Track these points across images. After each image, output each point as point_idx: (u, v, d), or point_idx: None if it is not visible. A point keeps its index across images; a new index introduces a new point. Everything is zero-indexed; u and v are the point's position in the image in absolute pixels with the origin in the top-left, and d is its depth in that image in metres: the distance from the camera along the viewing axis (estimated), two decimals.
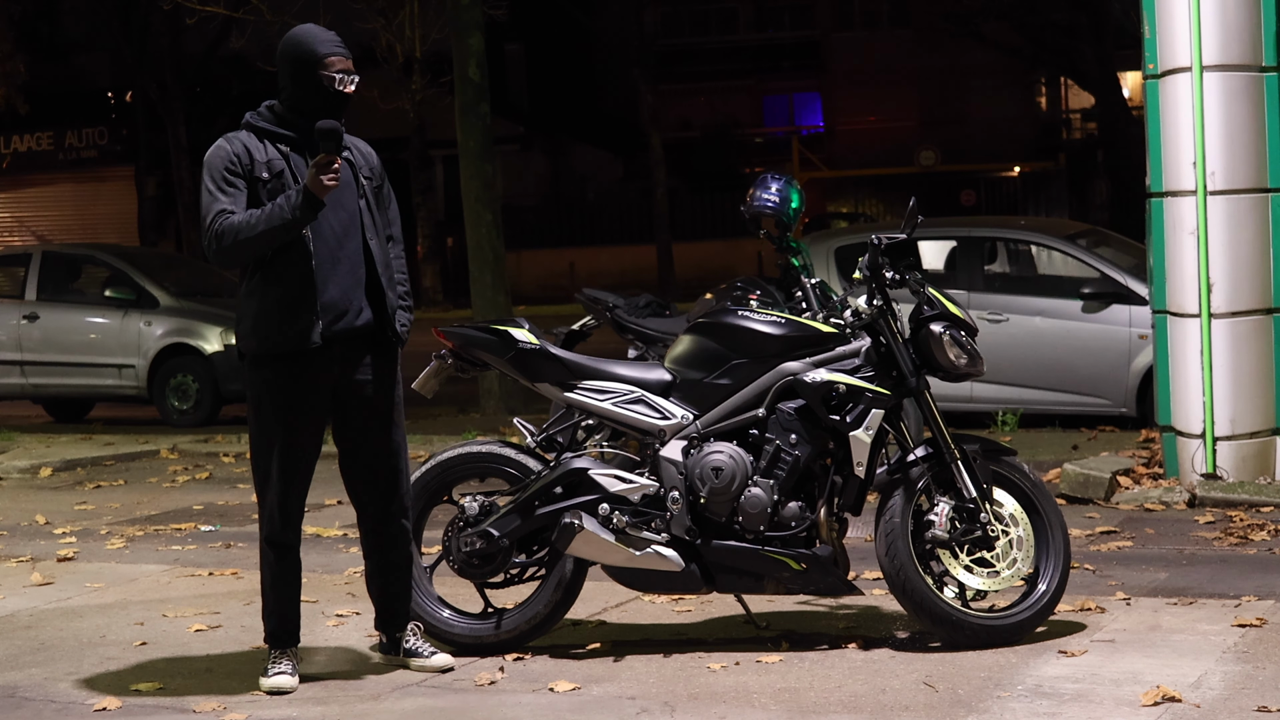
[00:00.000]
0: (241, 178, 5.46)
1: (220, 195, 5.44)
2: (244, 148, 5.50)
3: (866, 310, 5.92)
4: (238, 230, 5.38)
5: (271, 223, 5.36)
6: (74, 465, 12.12)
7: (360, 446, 5.63)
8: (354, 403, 5.58)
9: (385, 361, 5.62)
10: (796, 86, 48.22)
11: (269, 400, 5.50)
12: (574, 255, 37.14)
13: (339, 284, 5.48)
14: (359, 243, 5.53)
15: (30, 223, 38.83)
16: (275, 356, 5.47)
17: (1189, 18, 8.66)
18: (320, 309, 5.44)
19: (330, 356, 5.50)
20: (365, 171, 5.61)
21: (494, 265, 14.46)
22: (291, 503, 5.57)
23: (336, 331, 5.48)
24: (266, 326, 5.47)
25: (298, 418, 5.51)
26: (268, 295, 5.46)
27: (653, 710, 5.15)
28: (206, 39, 31.06)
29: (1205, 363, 8.74)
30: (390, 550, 5.71)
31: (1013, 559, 5.82)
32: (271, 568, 5.62)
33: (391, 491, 5.67)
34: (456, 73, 14.51)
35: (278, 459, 5.52)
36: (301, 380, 5.49)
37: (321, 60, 5.49)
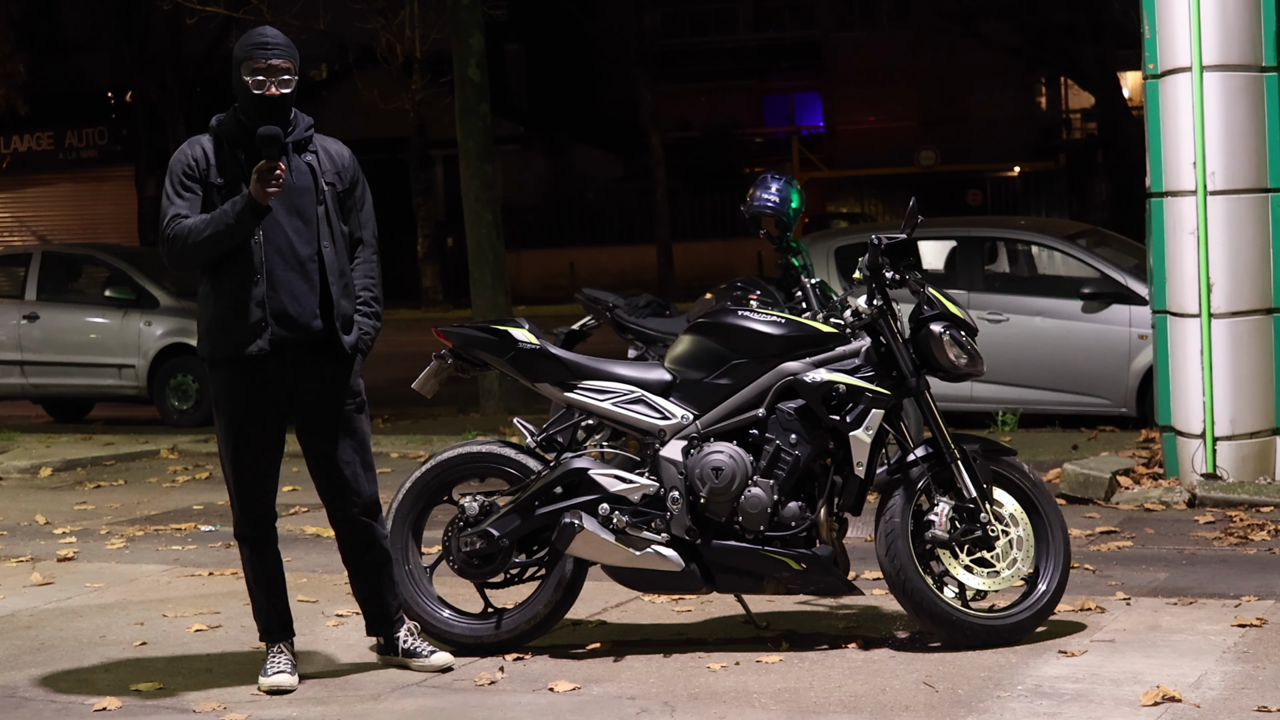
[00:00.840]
0: (197, 182, 5.45)
1: (176, 199, 5.44)
2: (202, 152, 5.48)
3: (866, 310, 5.92)
4: (187, 235, 5.38)
5: (216, 228, 5.35)
6: (74, 465, 12.12)
7: (316, 452, 5.63)
8: (307, 409, 5.57)
9: (338, 368, 5.56)
10: (796, 86, 48.22)
11: (223, 402, 5.56)
12: (574, 255, 37.15)
13: (290, 290, 5.44)
14: (314, 249, 5.48)
15: (30, 223, 38.85)
16: (227, 360, 5.49)
17: (1189, 18, 8.66)
18: (270, 315, 5.42)
19: (281, 362, 5.48)
20: (329, 176, 5.55)
21: (494, 265, 14.46)
22: (251, 499, 5.60)
23: (285, 338, 5.45)
24: (217, 330, 5.48)
25: (248, 420, 5.53)
26: (219, 300, 5.47)
27: (653, 710, 5.16)
28: (206, 39, 31.08)
29: (1205, 363, 8.74)
30: (364, 553, 5.71)
31: (1013, 559, 5.82)
32: (247, 563, 5.69)
33: (351, 494, 5.63)
34: (456, 73, 14.51)
35: (233, 458, 5.58)
36: (251, 384, 5.49)
37: (240, 64, 5.45)
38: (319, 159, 5.55)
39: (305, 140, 5.54)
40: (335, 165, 5.58)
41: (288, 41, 5.49)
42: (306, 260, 5.47)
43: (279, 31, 5.53)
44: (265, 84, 5.40)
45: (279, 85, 5.41)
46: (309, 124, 5.57)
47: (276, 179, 5.27)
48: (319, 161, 5.54)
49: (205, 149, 5.49)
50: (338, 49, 34.31)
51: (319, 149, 5.57)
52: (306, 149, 5.53)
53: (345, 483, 5.62)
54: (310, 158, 5.53)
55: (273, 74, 5.40)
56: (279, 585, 5.69)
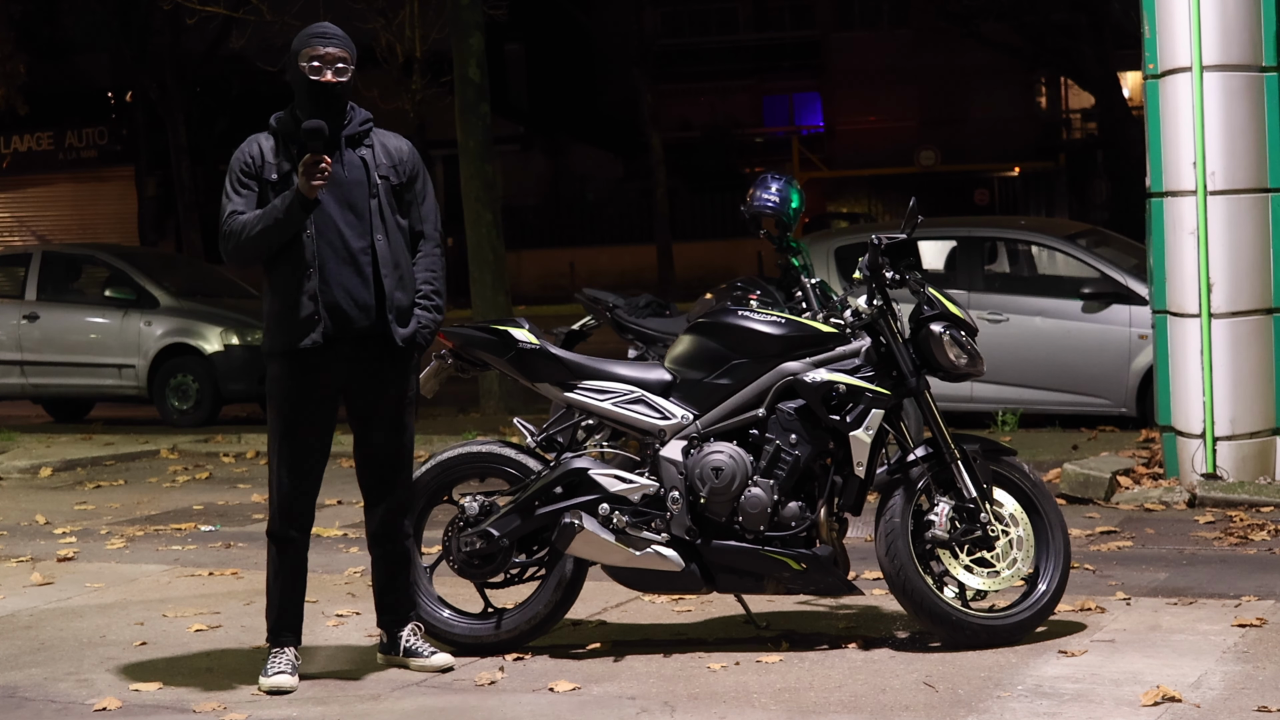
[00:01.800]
0: (254, 179, 5.53)
1: (234, 196, 5.54)
2: (259, 150, 5.56)
3: (866, 310, 5.92)
4: (240, 231, 5.48)
5: (266, 222, 5.44)
6: (74, 465, 12.12)
7: (365, 443, 5.68)
8: (360, 401, 5.62)
9: (392, 363, 5.62)
10: (796, 86, 48.20)
11: (277, 396, 5.58)
12: (574, 255, 37.15)
13: (343, 284, 5.50)
14: (368, 242, 5.54)
15: (30, 223, 38.83)
16: (283, 354, 5.53)
17: (1189, 18, 8.67)
18: (323, 309, 5.47)
19: (335, 355, 5.52)
20: (384, 170, 5.60)
21: (494, 265, 14.46)
22: (294, 498, 5.60)
23: (340, 332, 5.50)
24: (274, 325, 5.55)
25: (300, 415, 5.55)
26: (275, 294, 5.54)
27: (653, 710, 5.16)
28: (206, 39, 31.05)
29: (1205, 363, 8.74)
30: (389, 545, 5.75)
31: (1013, 559, 5.82)
32: (273, 562, 5.67)
33: (390, 488, 5.70)
34: (456, 73, 14.51)
35: (282, 454, 5.58)
36: (305, 378, 5.53)
37: (297, 53, 5.54)
38: (374, 153, 5.61)
39: (361, 134, 5.61)
40: (392, 159, 5.63)
41: (346, 35, 5.60)
42: (359, 253, 5.52)
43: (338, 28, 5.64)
44: (321, 70, 5.48)
45: (335, 73, 5.50)
46: (366, 118, 5.64)
47: (322, 172, 5.34)
48: (374, 156, 5.60)
49: (262, 146, 5.56)
50: None
51: (375, 143, 5.63)
52: (362, 143, 5.60)
53: (387, 476, 5.68)
54: (365, 152, 5.59)
55: (329, 61, 5.49)
56: (296, 591, 5.68)
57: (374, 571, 5.82)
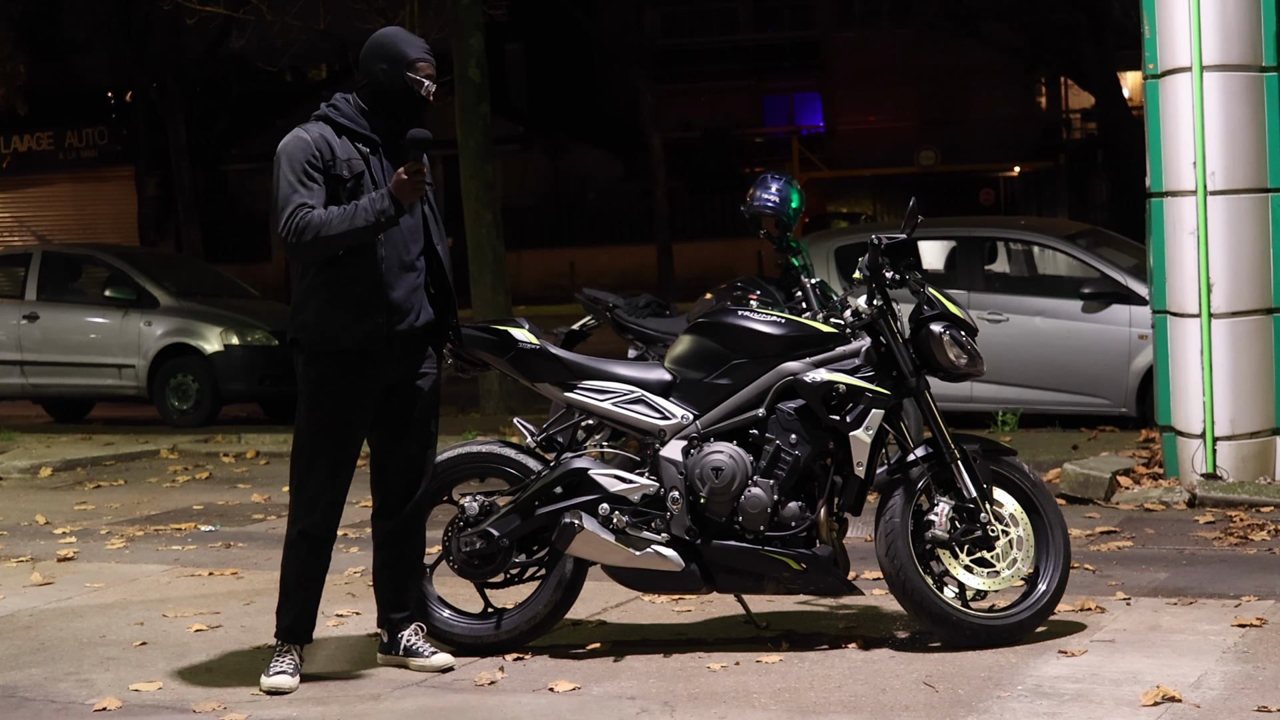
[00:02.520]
0: (321, 172, 5.47)
1: (300, 188, 5.43)
2: (325, 142, 5.50)
3: (866, 310, 5.92)
4: (318, 227, 5.39)
5: (355, 224, 5.39)
6: (74, 465, 12.12)
7: (402, 439, 5.67)
8: (404, 398, 5.63)
9: (430, 364, 5.70)
10: (796, 86, 48.22)
11: (327, 394, 5.54)
12: (574, 255, 37.15)
13: (405, 286, 5.55)
14: (424, 245, 5.61)
15: (30, 223, 38.83)
16: (338, 352, 5.51)
17: (1189, 18, 8.67)
18: (387, 309, 5.50)
19: (391, 354, 5.55)
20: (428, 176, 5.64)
21: (494, 265, 14.46)
22: (335, 496, 5.60)
23: (399, 331, 5.54)
24: (333, 323, 5.49)
25: (352, 412, 5.56)
26: (337, 292, 5.49)
27: (653, 710, 5.16)
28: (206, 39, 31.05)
29: (1205, 363, 8.74)
30: (407, 539, 5.74)
31: (1013, 559, 5.82)
32: (302, 561, 5.62)
33: (418, 480, 5.72)
34: (456, 73, 14.51)
35: (327, 452, 5.55)
36: (361, 376, 5.53)
37: (412, 64, 5.54)
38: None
39: None
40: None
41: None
42: (416, 257, 5.59)
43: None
44: (426, 84, 5.54)
45: (433, 91, 5.58)
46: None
47: (424, 182, 5.40)
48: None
49: (328, 139, 5.51)
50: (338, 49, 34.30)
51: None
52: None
53: (414, 478, 5.70)
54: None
55: (432, 79, 5.57)
56: (318, 591, 5.67)
57: (383, 572, 5.77)
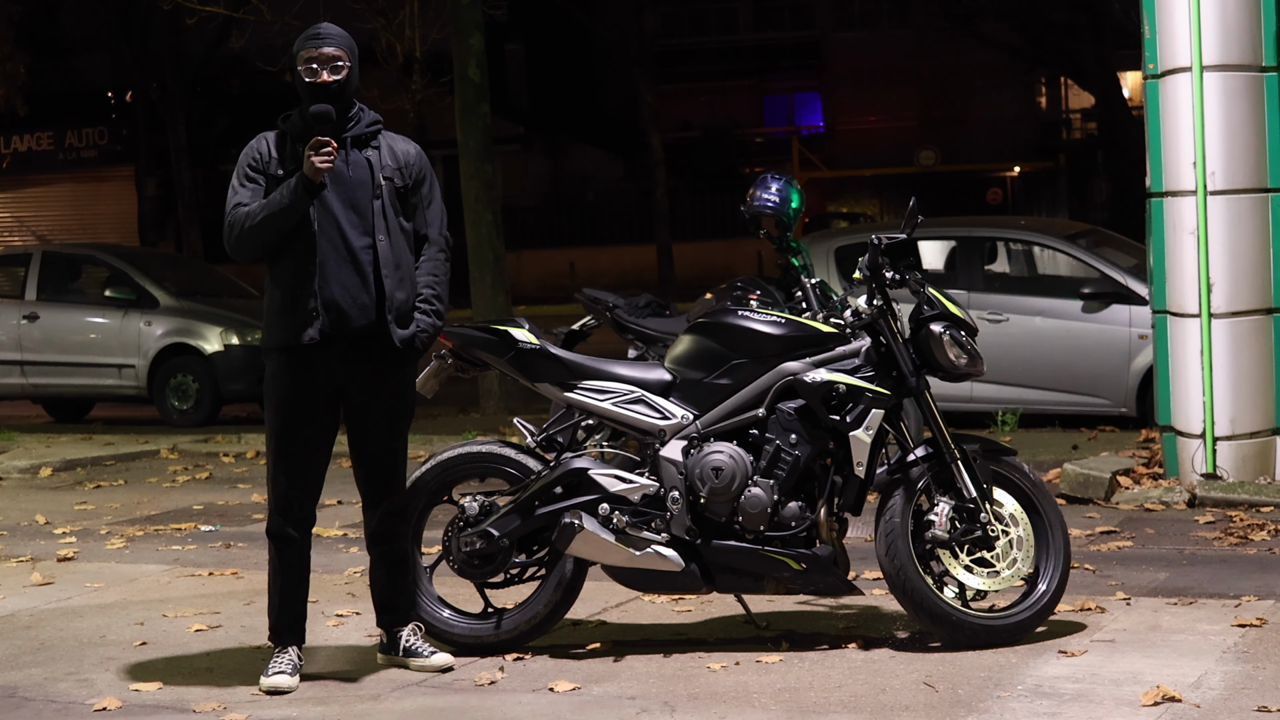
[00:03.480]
0: (261, 174, 5.56)
1: (239, 189, 5.57)
2: (267, 146, 5.60)
3: (866, 310, 5.92)
4: (244, 220, 5.50)
5: (270, 209, 5.46)
6: (74, 465, 12.12)
7: (360, 443, 5.67)
8: (356, 403, 5.61)
9: (390, 365, 5.61)
10: (796, 86, 48.21)
11: (273, 392, 5.59)
12: (574, 255, 37.15)
13: (343, 283, 5.51)
14: (369, 242, 5.55)
15: (30, 223, 38.84)
16: (280, 349, 5.54)
17: (1189, 18, 8.67)
18: (322, 306, 5.48)
19: (333, 354, 5.53)
20: (389, 171, 5.61)
21: (494, 265, 14.46)
22: (291, 496, 5.60)
23: (337, 330, 5.51)
24: (272, 320, 5.57)
25: (296, 412, 5.56)
26: (275, 290, 5.57)
27: (653, 710, 5.15)
28: (206, 39, 31.05)
29: (1205, 363, 8.74)
30: (386, 546, 5.74)
31: (1013, 559, 5.82)
32: (272, 561, 5.67)
33: (386, 490, 5.69)
34: (456, 73, 14.51)
35: (282, 452, 5.59)
36: (302, 375, 5.53)
37: (295, 56, 5.58)
38: (380, 154, 5.62)
39: (368, 135, 5.62)
40: (398, 161, 5.64)
41: (343, 33, 5.62)
42: (360, 252, 5.53)
43: (336, 26, 5.66)
44: (318, 71, 5.51)
45: (331, 71, 5.52)
46: (375, 120, 5.66)
47: (327, 154, 5.36)
48: (380, 157, 5.61)
49: (270, 143, 5.60)
50: None
51: (383, 145, 5.65)
52: (369, 144, 5.61)
53: (382, 479, 5.68)
54: (371, 153, 5.60)
55: (325, 62, 5.52)
56: (297, 589, 5.68)
57: (373, 572, 5.81)
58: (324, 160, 5.37)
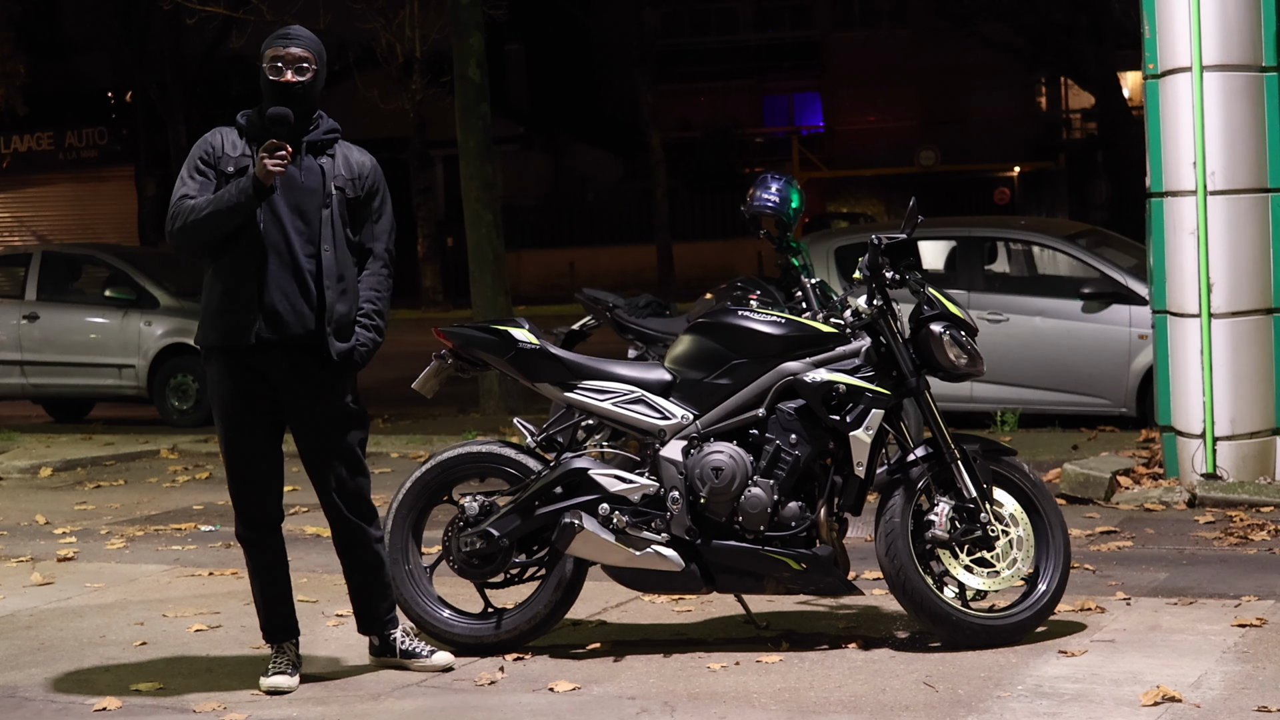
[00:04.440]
0: (212, 168, 5.48)
1: (188, 181, 5.49)
2: (221, 140, 5.53)
3: (866, 310, 5.92)
4: (189, 213, 5.41)
5: (218, 205, 5.37)
6: (74, 465, 12.12)
7: (307, 452, 5.61)
8: (294, 411, 5.55)
9: (326, 373, 5.52)
10: (796, 86, 48.23)
11: (215, 394, 5.59)
12: (574, 255, 37.15)
13: (283, 289, 5.43)
14: (314, 250, 5.48)
15: (30, 223, 38.86)
16: (218, 350, 5.51)
17: (1189, 18, 8.66)
18: (260, 310, 5.42)
19: (269, 359, 5.47)
20: (340, 181, 5.53)
21: (494, 265, 14.46)
22: (245, 498, 5.60)
23: (274, 336, 5.44)
24: (209, 319, 5.52)
25: (237, 413, 5.54)
26: (214, 289, 5.50)
27: (653, 710, 5.16)
28: (206, 39, 31.10)
29: (1205, 363, 8.74)
30: (354, 552, 5.70)
31: (1013, 559, 5.82)
32: (247, 564, 5.69)
33: (338, 497, 5.62)
34: (456, 73, 14.51)
35: (228, 454, 5.60)
36: (235, 377, 5.50)
37: (264, 54, 5.53)
38: (334, 163, 5.54)
39: (325, 143, 5.55)
40: (351, 172, 5.56)
41: (312, 36, 5.57)
42: (304, 260, 5.46)
43: (307, 30, 5.62)
44: (282, 70, 5.45)
45: (295, 72, 5.46)
46: (332, 127, 5.59)
47: (281, 157, 5.30)
48: (333, 165, 5.53)
49: (224, 138, 5.53)
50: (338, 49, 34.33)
51: (338, 154, 5.57)
52: (324, 151, 5.54)
53: (331, 486, 5.62)
54: (325, 160, 5.53)
55: (290, 61, 5.46)
56: (278, 587, 5.67)
57: (347, 580, 5.76)
58: (277, 164, 5.29)
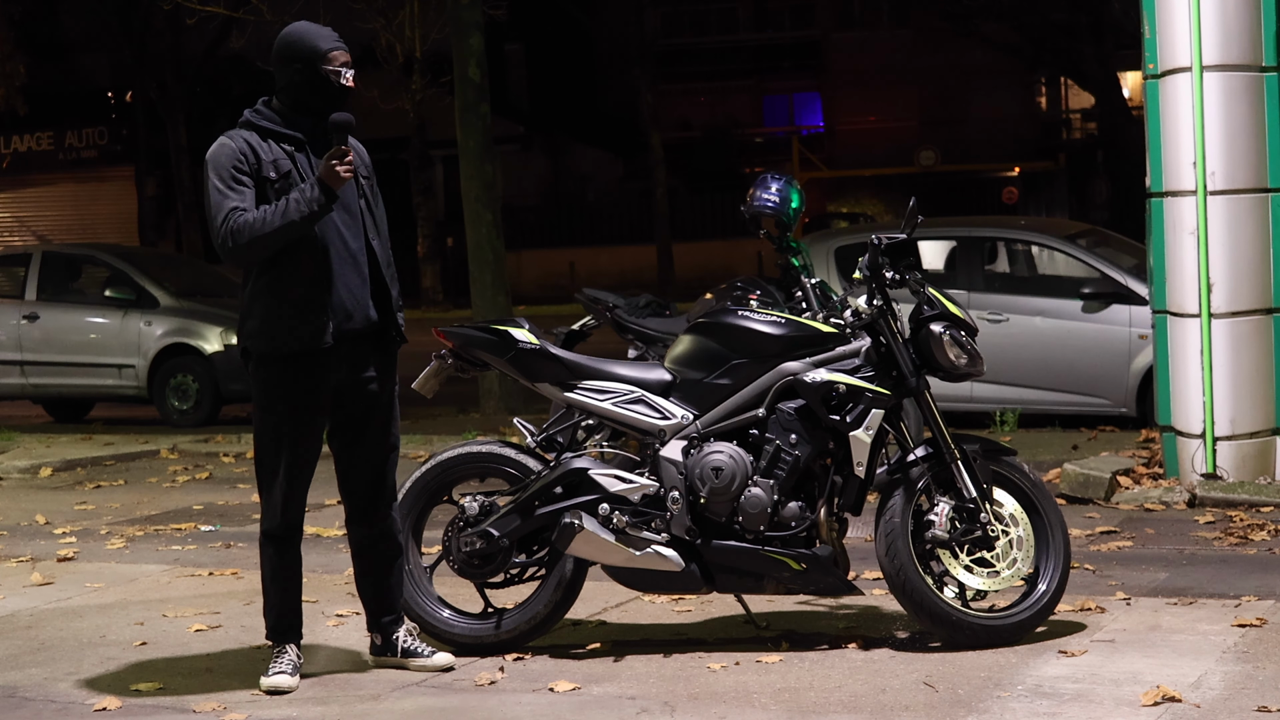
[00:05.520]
0: (249, 175, 5.46)
1: (230, 193, 5.42)
2: (249, 146, 5.49)
3: (866, 310, 5.92)
4: (252, 227, 5.37)
5: (288, 217, 5.35)
6: (74, 465, 12.12)
7: (360, 441, 5.64)
8: (356, 399, 5.59)
9: (387, 359, 5.65)
10: (796, 86, 48.23)
11: (280, 399, 5.51)
12: (574, 255, 37.16)
13: (346, 283, 5.51)
14: (362, 241, 5.56)
15: (30, 223, 38.85)
16: (285, 356, 5.48)
17: (1189, 18, 8.67)
18: (331, 309, 5.46)
19: (338, 355, 5.51)
20: (364, 171, 5.63)
21: (494, 265, 14.46)
22: (296, 498, 5.59)
23: (345, 331, 5.50)
24: (277, 326, 5.46)
25: (306, 415, 5.53)
26: (278, 295, 5.45)
27: (653, 710, 5.16)
28: (206, 39, 31.08)
29: (1205, 363, 8.74)
30: (382, 545, 5.71)
31: (1013, 559, 5.82)
32: (271, 562, 5.64)
33: (383, 484, 5.68)
34: (456, 73, 14.51)
35: (286, 456, 5.54)
36: (310, 379, 5.50)
37: (324, 55, 5.50)
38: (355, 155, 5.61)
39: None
40: (363, 159, 5.66)
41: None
42: (357, 253, 5.54)
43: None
44: (344, 74, 5.51)
45: (352, 77, 5.54)
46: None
47: (349, 164, 5.36)
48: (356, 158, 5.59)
49: (250, 142, 5.50)
50: None
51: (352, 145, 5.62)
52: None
53: (384, 474, 5.67)
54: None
55: (348, 66, 5.54)
56: (295, 588, 5.67)
57: (365, 579, 5.76)
58: (347, 170, 5.35)
